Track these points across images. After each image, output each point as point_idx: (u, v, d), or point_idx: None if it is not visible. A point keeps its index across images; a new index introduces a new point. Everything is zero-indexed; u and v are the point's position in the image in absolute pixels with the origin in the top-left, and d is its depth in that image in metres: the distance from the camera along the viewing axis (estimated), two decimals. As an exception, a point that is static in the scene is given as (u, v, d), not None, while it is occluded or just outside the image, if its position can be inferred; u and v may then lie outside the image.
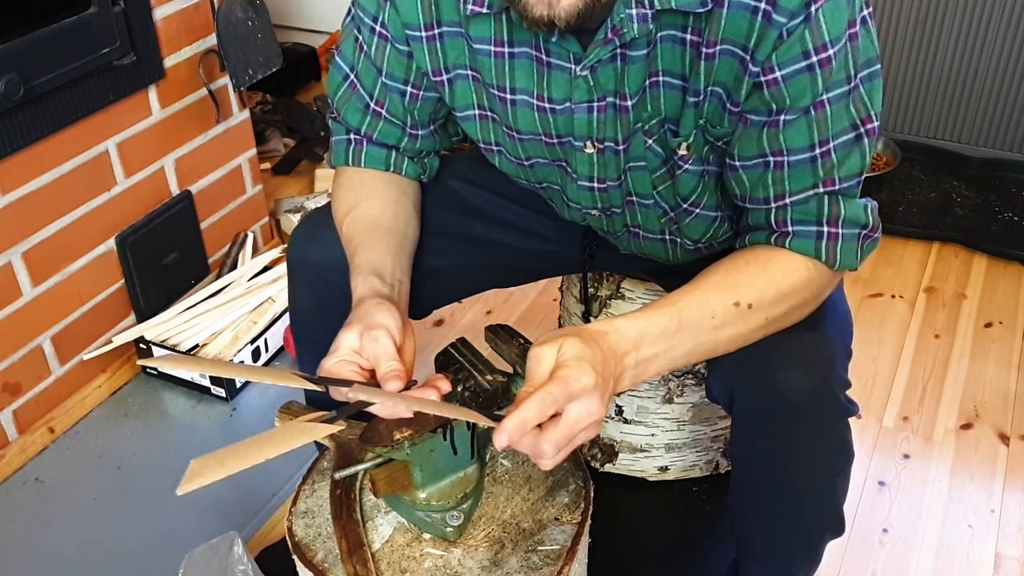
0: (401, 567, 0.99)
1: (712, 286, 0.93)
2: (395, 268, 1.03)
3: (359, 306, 0.95)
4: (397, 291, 1.01)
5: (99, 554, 1.51)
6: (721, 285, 0.93)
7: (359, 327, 0.91)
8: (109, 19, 1.62)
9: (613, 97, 0.98)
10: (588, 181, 1.08)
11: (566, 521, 1.04)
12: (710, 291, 0.93)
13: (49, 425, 1.72)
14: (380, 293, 0.97)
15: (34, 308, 1.65)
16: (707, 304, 0.92)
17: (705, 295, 0.92)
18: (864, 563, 1.48)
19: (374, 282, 0.99)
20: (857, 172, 0.95)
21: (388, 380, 0.88)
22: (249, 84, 1.88)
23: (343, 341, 0.91)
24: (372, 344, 0.90)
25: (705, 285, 0.93)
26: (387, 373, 0.89)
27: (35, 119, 1.56)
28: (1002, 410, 1.76)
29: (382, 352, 0.90)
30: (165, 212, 1.86)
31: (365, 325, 0.91)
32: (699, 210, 1.08)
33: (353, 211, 1.10)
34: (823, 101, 0.91)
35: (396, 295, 1.00)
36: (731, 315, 0.92)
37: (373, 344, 0.90)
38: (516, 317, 2.04)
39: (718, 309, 0.92)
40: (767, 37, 0.88)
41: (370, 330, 0.90)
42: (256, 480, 1.61)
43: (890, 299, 2.06)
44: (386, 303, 0.95)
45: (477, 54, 1.02)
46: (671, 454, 1.56)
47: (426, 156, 1.18)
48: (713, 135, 0.98)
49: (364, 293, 0.98)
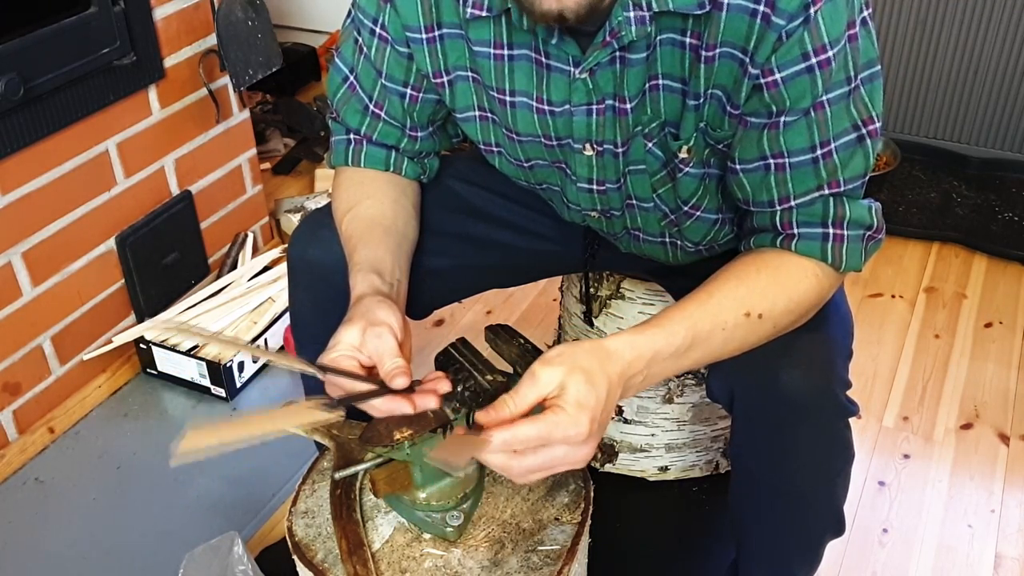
0: (401, 567, 0.99)
1: (725, 295, 0.93)
2: (394, 267, 1.03)
3: (359, 303, 0.95)
4: (396, 290, 1.01)
5: (99, 554, 1.51)
6: (733, 294, 0.93)
7: (361, 323, 0.90)
8: (109, 19, 1.62)
9: (612, 100, 0.98)
10: (587, 183, 1.08)
11: (566, 521, 1.04)
12: (723, 301, 0.92)
13: (49, 425, 1.72)
14: (380, 291, 0.97)
15: (34, 308, 1.66)
16: (720, 315, 0.91)
17: (718, 305, 0.92)
18: (864, 563, 1.48)
19: (374, 279, 0.99)
20: (861, 173, 0.95)
21: (394, 377, 0.88)
22: (249, 84, 1.89)
23: (344, 336, 0.90)
24: (375, 340, 0.89)
25: (718, 294, 0.93)
26: (392, 370, 0.88)
27: (35, 119, 1.56)
28: (1002, 410, 1.76)
29: (386, 349, 0.89)
30: (165, 212, 1.86)
31: (368, 321, 0.91)
32: (700, 213, 1.08)
33: (352, 210, 1.10)
34: (823, 102, 0.91)
35: (395, 294, 1.00)
36: (742, 325, 0.92)
37: (376, 340, 0.89)
38: (516, 317, 2.04)
39: (729, 321, 0.92)
40: (766, 39, 0.88)
41: (373, 326, 0.90)
42: (256, 480, 1.61)
43: (890, 299, 2.06)
44: (387, 301, 0.94)
45: (477, 56, 1.02)
46: (671, 454, 1.56)
47: (426, 157, 1.18)
48: (714, 138, 0.98)
49: (364, 290, 0.97)
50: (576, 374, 0.82)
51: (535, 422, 0.80)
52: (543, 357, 0.84)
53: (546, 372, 0.82)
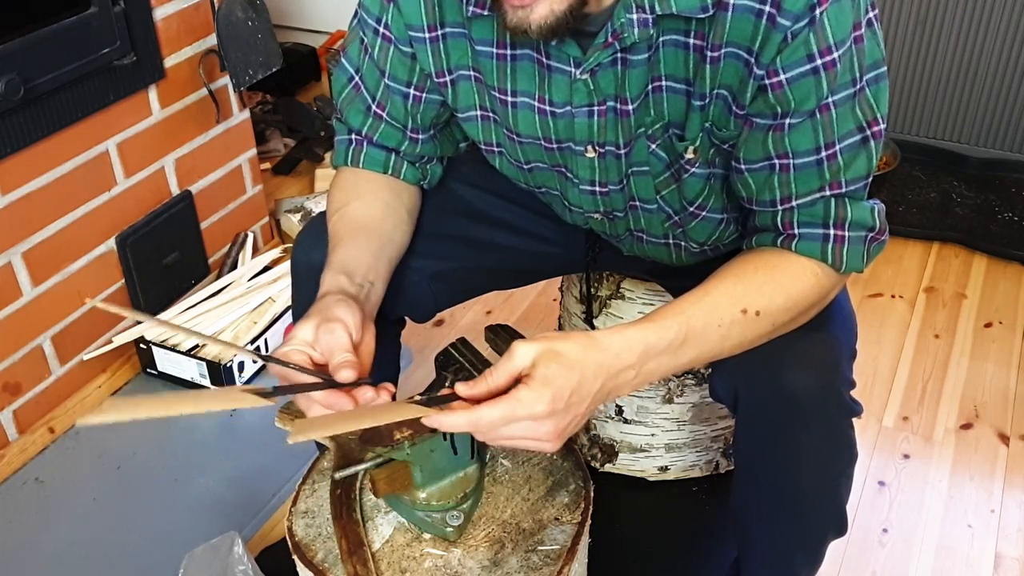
0: (401, 567, 0.99)
1: (721, 292, 0.93)
2: (369, 270, 1.03)
3: (319, 300, 0.96)
4: (366, 292, 1.00)
5: (99, 554, 1.51)
6: (730, 291, 0.93)
7: (316, 319, 0.91)
8: (109, 19, 1.61)
9: (614, 101, 0.98)
10: (590, 185, 1.08)
11: (566, 521, 1.04)
12: (719, 298, 0.92)
13: (49, 425, 1.71)
14: (344, 291, 0.97)
15: (34, 308, 1.65)
16: (715, 312, 0.91)
17: (714, 302, 0.92)
18: (864, 563, 1.48)
19: (340, 280, 0.99)
20: (864, 175, 0.95)
21: (340, 369, 0.88)
22: (249, 84, 1.88)
23: (298, 332, 0.91)
24: (327, 336, 0.90)
25: (715, 291, 0.93)
26: (340, 363, 0.88)
27: (35, 119, 1.56)
28: (1002, 410, 1.76)
29: (336, 344, 0.89)
30: (165, 212, 1.86)
31: (323, 318, 0.91)
32: (705, 213, 1.08)
33: (341, 210, 1.10)
34: (828, 104, 0.90)
35: (363, 296, 0.99)
36: (738, 322, 0.92)
37: (328, 336, 0.90)
38: (516, 317, 2.04)
39: (725, 318, 0.91)
40: (772, 40, 0.88)
41: (327, 322, 0.90)
42: (256, 480, 1.61)
43: (890, 299, 2.06)
44: (347, 300, 0.94)
45: (479, 56, 1.02)
46: (671, 454, 1.56)
47: (428, 162, 1.17)
48: (719, 138, 0.98)
49: (327, 289, 0.98)
50: (549, 353, 0.83)
51: (497, 404, 0.82)
52: (527, 339, 0.85)
53: (521, 348, 0.84)
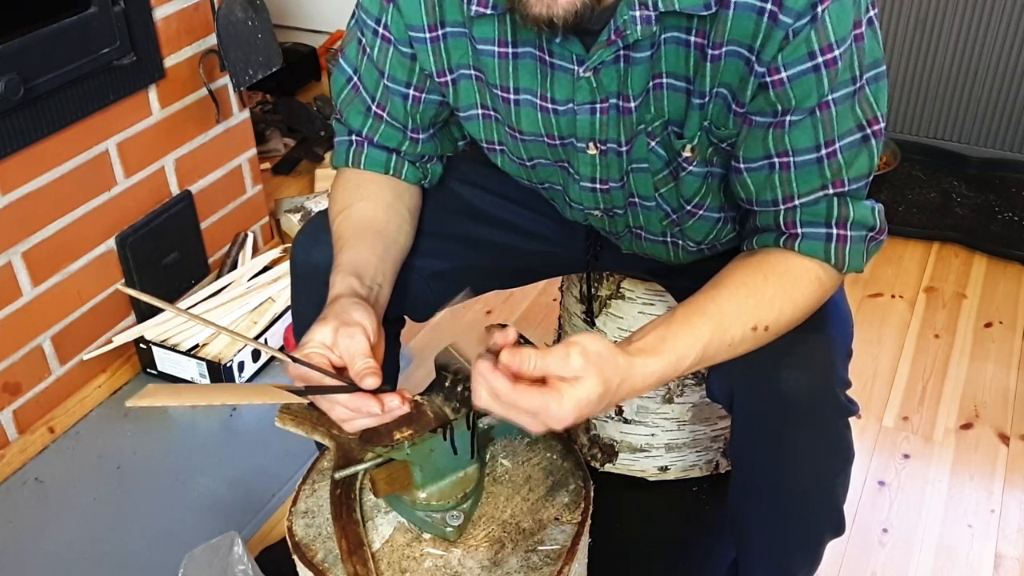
0: (401, 567, 0.99)
1: (734, 309, 0.93)
2: (376, 272, 1.03)
3: (334, 303, 0.95)
4: (375, 294, 1.00)
5: (99, 554, 1.51)
6: (742, 306, 0.93)
7: (334, 323, 0.90)
8: (109, 19, 1.62)
9: (616, 99, 0.98)
10: (590, 182, 1.08)
11: (566, 521, 1.04)
12: (731, 318, 0.92)
13: (49, 425, 1.71)
14: (357, 293, 0.97)
15: (34, 308, 1.65)
16: (728, 332, 0.92)
17: (729, 322, 0.92)
18: (864, 563, 1.48)
19: (352, 282, 0.99)
20: (865, 174, 0.95)
21: (364, 376, 0.88)
22: (249, 84, 1.88)
23: (315, 335, 0.90)
24: (347, 340, 0.89)
25: (728, 308, 0.93)
26: (363, 370, 0.88)
27: (35, 119, 1.56)
28: (1002, 410, 1.76)
29: (358, 349, 0.89)
30: (165, 212, 1.86)
31: (341, 321, 0.91)
32: (702, 212, 1.08)
33: (345, 211, 1.10)
34: (828, 102, 0.91)
35: (373, 298, 0.99)
36: (748, 339, 0.93)
37: (348, 340, 0.89)
38: (516, 317, 2.04)
39: (736, 336, 0.92)
40: (773, 37, 0.88)
41: (346, 326, 0.90)
42: (256, 480, 1.61)
43: (890, 299, 2.06)
44: (363, 303, 0.94)
45: (481, 55, 1.02)
46: (671, 454, 1.56)
47: (428, 161, 1.17)
48: (717, 136, 0.98)
49: (340, 291, 0.97)
50: (596, 378, 0.82)
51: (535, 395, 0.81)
52: (586, 345, 0.83)
53: (579, 362, 0.82)
